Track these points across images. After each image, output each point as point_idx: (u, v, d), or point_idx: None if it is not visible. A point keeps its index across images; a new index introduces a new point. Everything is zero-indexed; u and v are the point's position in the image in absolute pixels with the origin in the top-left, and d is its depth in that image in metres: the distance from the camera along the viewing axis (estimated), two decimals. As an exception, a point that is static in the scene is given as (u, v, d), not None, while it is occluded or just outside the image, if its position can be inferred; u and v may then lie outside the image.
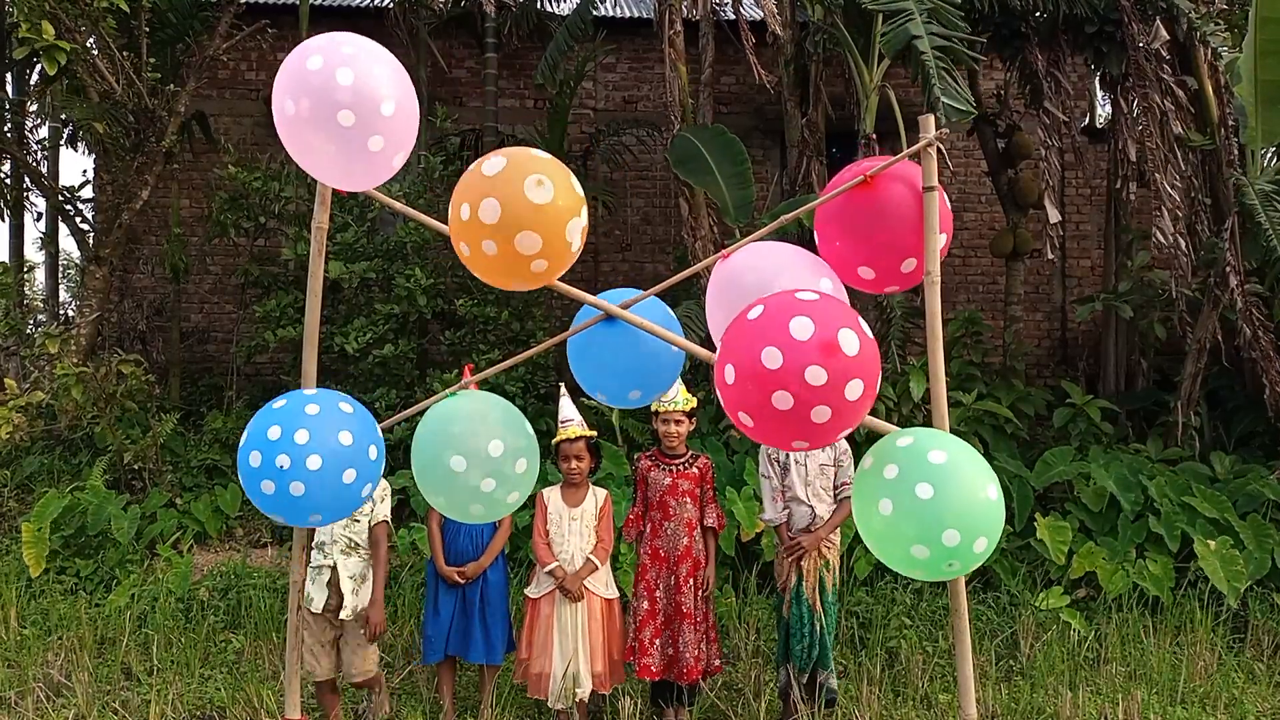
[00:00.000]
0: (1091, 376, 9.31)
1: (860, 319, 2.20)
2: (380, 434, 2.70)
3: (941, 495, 2.19)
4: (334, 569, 4.13)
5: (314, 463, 2.46)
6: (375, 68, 2.49)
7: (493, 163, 2.43)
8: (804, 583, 4.25)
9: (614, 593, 4.38)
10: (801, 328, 2.09)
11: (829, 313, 2.14)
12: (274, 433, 2.48)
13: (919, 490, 2.20)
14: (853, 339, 2.10)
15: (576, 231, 2.47)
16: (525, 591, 4.42)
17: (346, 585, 4.12)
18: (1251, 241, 6.45)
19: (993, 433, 6.96)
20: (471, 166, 2.50)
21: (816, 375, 2.06)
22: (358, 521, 4.18)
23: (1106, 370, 8.79)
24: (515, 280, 2.55)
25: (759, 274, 2.53)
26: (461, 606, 4.36)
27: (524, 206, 2.35)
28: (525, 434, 2.73)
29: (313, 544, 4.09)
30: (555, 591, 4.24)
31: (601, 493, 4.44)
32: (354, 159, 2.51)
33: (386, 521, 4.27)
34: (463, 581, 4.33)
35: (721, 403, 2.28)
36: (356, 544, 4.21)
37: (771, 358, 2.09)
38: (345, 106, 2.43)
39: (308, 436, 2.47)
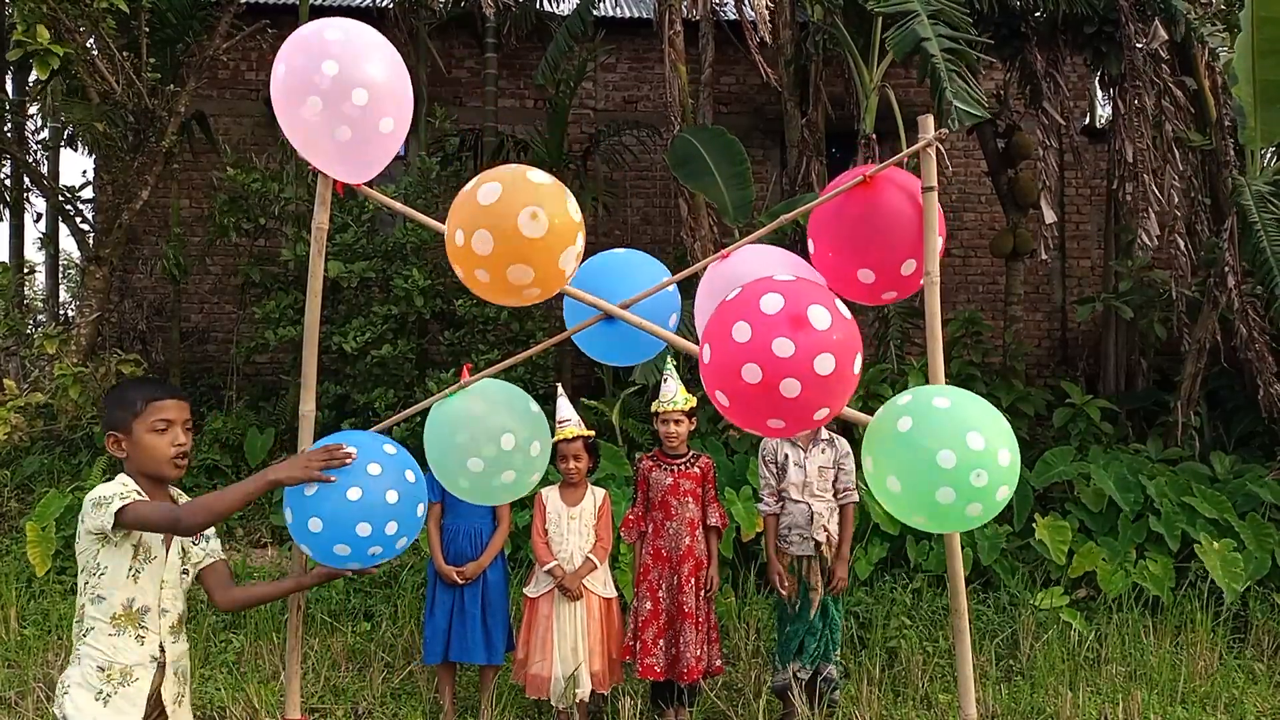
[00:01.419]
0: (1091, 376, 9.32)
1: (837, 300, 2.21)
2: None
3: (958, 404, 2.25)
4: (161, 664, 2.41)
5: (402, 543, 2.52)
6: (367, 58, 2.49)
7: (488, 189, 2.35)
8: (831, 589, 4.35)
9: (612, 592, 4.39)
10: (771, 303, 2.14)
11: (802, 291, 2.17)
12: (364, 529, 2.40)
13: (936, 401, 2.25)
14: (823, 314, 2.11)
15: (571, 259, 2.43)
16: (524, 591, 4.43)
17: (169, 691, 2.41)
18: (1246, 242, 6.46)
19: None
20: (468, 187, 2.42)
21: (784, 347, 2.08)
22: (185, 573, 2.52)
23: (1106, 370, 8.80)
24: (508, 301, 2.57)
25: (751, 278, 2.54)
26: (460, 607, 4.35)
27: (518, 241, 2.31)
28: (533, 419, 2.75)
29: (117, 613, 2.34)
30: (554, 591, 4.24)
31: (600, 492, 4.45)
32: (366, 146, 2.52)
33: (224, 560, 2.66)
34: (462, 582, 4.32)
35: (704, 384, 2.30)
36: (184, 617, 2.52)
37: (741, 331, 2.13)
38: (360, 86, 2.42)
39: (397, 526, 2.47)
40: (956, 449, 2.17)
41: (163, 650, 2.39)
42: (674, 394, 4.34)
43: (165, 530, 2.36)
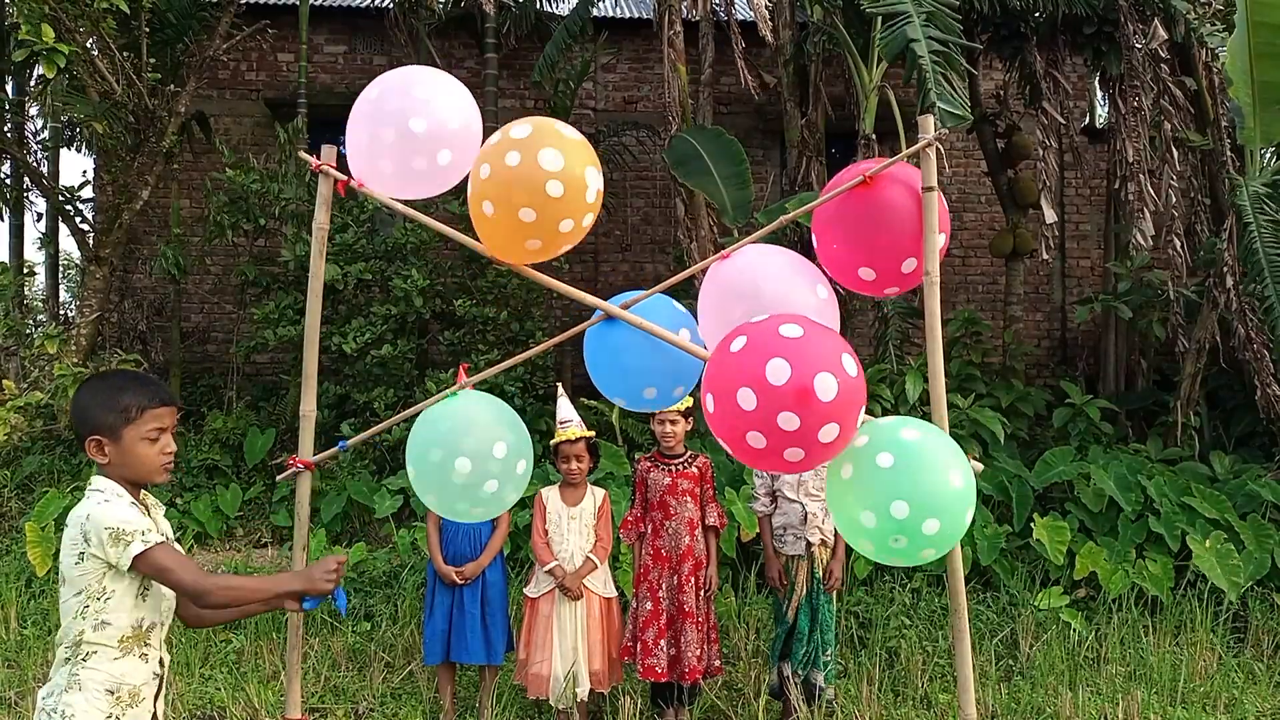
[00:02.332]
0: (1091, 376, 9.31)
1: (847, 351, 2.17)
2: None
3: (900, 467, 2.20)
4: (161, 678, 2.33)
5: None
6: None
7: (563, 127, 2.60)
8: (821, 586, 4.33)
9: (613, 591, 4.39)
10: (777, 371, 2.08)
11: (809, 353, 2.11)
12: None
13: (879, 459, 2.22)
14: (830, 384, 2.08)
15: (594, 184, 2.56)
16: (524, 591, 4.43)
17: (161, 704, 2.36)
18: (1240, 242, 6.47)
19: (992, 433, 6.97)
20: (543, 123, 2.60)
21: (789, 421, 2.08)
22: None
23: (1106, 370, 8.80)
24: (526, 199, 2.53)
25: (754, 281, 2.53)
26: (460, 607, 4.36)
27: (555, 133, 2.53)
28: (523, 433, 2.73)
29: (125, 635, 2.22)
30: (554, 591, 4.24)
31: (600, 492, 4.45)
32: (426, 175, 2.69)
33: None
34: (461, 582, 4.33)
35: (710, 428, 2.31)
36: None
37: (746, 399, 2.11)
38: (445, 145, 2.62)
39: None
40: (878, 513, 2.19)
41: (162, 664, 2.31)
42: (672, 394, 4.34)
43: (183, 593, 2.24)
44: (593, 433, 4.43)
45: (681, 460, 4.39)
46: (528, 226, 2.52)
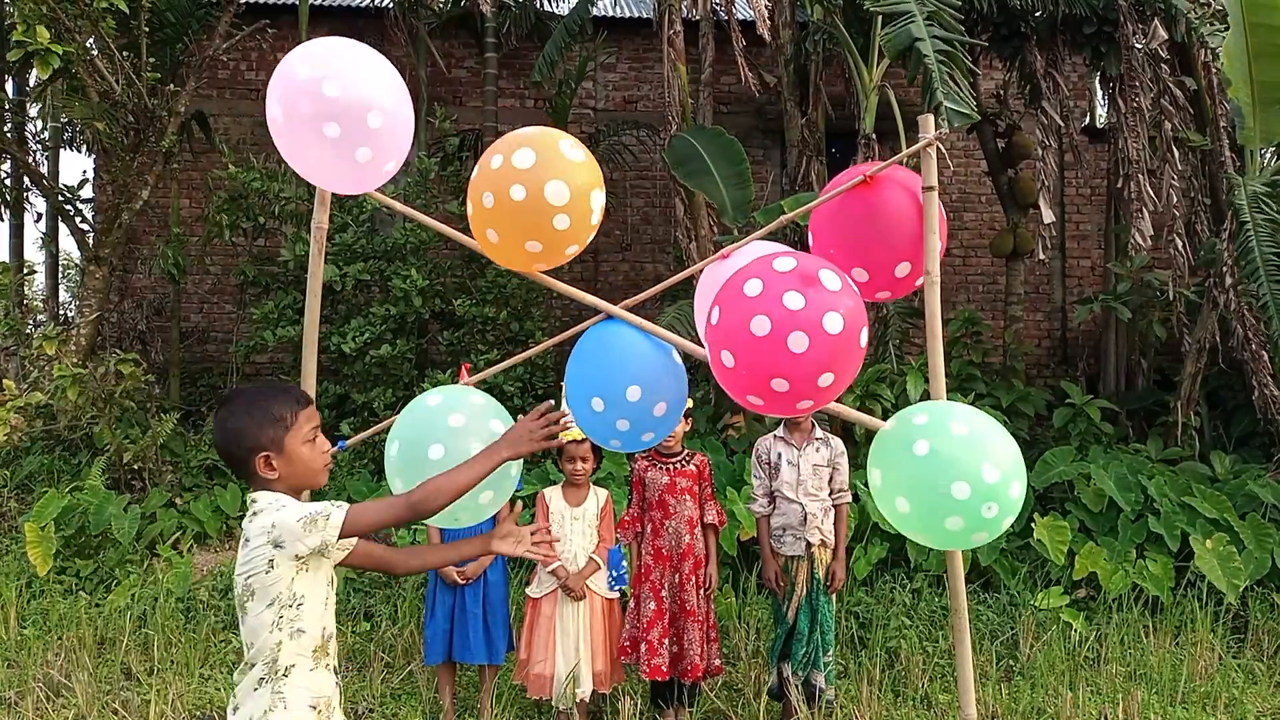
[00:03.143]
0: (1091, 376, 9.32)
1: (845, 274, 2.30)
2: None
3: (976, 433, 2.22)
4: (339, 686, 2.33)
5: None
6: (364, 77, 2.54)
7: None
8: (821, 585, 4.32)
9: (614, 592, 4.39)
10: (784, 263, 2.21)
11: (815, 258, 2.28)
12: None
13: (954, 428, 2.23)
14: (835, 278, 2.18)
15: (598, 206, 2.57)
16: (526, 591, 4.43)
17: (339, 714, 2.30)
18: (1236, 241, 6.47)
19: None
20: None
21: (794, 300, 2.12)
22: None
23: (1106, 370, 8.81)
24: (532, 233, 2.52)
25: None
26: (461, 607, 4.36)
27: (560, 160, 2.49)
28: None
29: (316, 645, 2.23)
30: (557, 591, 4.24)
31: (603, 493, 4.44)
32: (344, 168, 2.62)
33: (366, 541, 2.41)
34: (463, 582, 4.33)
35: (708, 349, 2.34)
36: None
37: (753, 286, 2.19)
38: (332, 119, 2.49)
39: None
40: (972, 481, 2.16)
41: (336, 673, 2.29)
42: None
43: (403, 523, 2.23)
44: (595, 433, 4.42)
45: (679, 459, 4.39)
46: (534, 255, 2.56)
